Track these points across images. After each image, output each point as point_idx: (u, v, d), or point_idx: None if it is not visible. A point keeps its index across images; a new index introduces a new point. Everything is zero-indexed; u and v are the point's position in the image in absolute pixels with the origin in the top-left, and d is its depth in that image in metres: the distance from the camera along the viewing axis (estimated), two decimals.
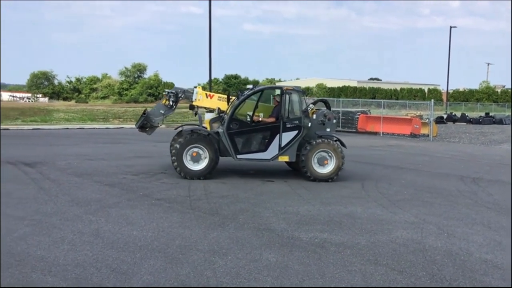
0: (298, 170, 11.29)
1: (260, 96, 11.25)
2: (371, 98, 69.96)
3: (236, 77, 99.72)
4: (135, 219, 7.01)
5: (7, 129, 22.44)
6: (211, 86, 37.62)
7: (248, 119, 10.84)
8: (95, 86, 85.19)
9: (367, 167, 13.23)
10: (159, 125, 11.79)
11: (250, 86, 11.60)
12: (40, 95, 79.42)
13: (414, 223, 7.30)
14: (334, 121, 11.35)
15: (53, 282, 4.65)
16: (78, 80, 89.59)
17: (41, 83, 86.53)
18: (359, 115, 29.08)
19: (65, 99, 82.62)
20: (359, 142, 21.51)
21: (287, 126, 10.71)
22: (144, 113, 11.43)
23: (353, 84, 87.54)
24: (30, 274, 4.82)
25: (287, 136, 10.73)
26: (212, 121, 11.39)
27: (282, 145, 10.72)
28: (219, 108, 11.36)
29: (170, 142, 11.70)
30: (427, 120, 27.10)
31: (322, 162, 10.71)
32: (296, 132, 10.76)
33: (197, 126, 11.35)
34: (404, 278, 5.05)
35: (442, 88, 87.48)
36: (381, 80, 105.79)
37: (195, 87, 11.79)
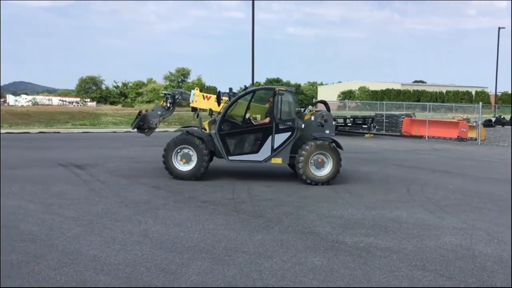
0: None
1: (252, 97, 11.16)
2: (416, 101, 68.49)
3: (278, 80, 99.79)
4: (181, 220, 7.16)
5: (58, 132, 23.31)
6: None
7: (240, 120, 10.83)
8: (140, 90, 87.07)
9: (412, 171, 13.00)
10: (156, 126, 12.03)
11: (243, 87, 11.70)
12: (88, 100, 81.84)
13: (463, 228, 7.13)
14: (334, 122, 11.14)
15: (105, 280, 4.83)
16: (124, 84, 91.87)
17: (89, 88, 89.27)
18: (403, 118, 28.58)
19: (112, 103, 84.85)
20: (404, 146, 21.15)
21: (280, 127, 10.60)
22: (139, 114, 11.70)
23: (397, 87, 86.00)
24: (83, 273, 5.01)
25: (280, 138, 10.63)
26: (210, 122, 11.45)
27: (275, 146, 10.64)
28: (210, 109, 11.44)
29: None
30: (474, 123, 26.34)
31: (319, 165, 10.53)
32: (289, 133, 10.63)
33: (194, 128, 11.46)
34: (453, 284, 4.96)
35: (490, 90, 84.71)
36: (425, 82, 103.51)
37: (193, 89, 11.94)
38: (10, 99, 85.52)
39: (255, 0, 32.64)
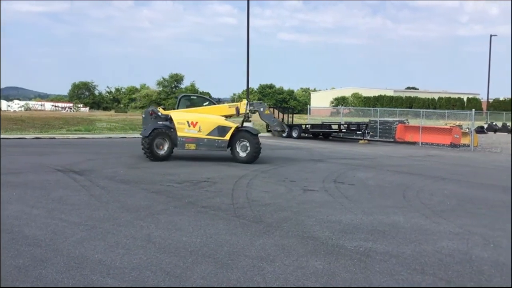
0: None
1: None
2: (408, 108, 68.97)
3: (271, 86, 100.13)
4: (183, 225, 7.25)
5: (54, 138, 23.30)
6: (248, 95, 37.98)
7: None
8: (133, 96, 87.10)
9: (408, 177, 13.16)
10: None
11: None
12: (81, 105, 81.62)
13: (459, 233, 7.28)
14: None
15: (112, 283, 4.91)
16: (117, 90, 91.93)
17: (82, 93, 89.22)
18: (397, 124, 28.85)
19: (105, 109, 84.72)
20: (398, 152, 21.35)
21: None
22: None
23: (389, 93, 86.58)
24: (90, 276, 5.09)
25: None
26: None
27: None
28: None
29: None
30: (467, 129, 26.65)
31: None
32: None
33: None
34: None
35: (481, 97, 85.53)
36: (418, 89, 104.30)
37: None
38: (3, 104, 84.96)
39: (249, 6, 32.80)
